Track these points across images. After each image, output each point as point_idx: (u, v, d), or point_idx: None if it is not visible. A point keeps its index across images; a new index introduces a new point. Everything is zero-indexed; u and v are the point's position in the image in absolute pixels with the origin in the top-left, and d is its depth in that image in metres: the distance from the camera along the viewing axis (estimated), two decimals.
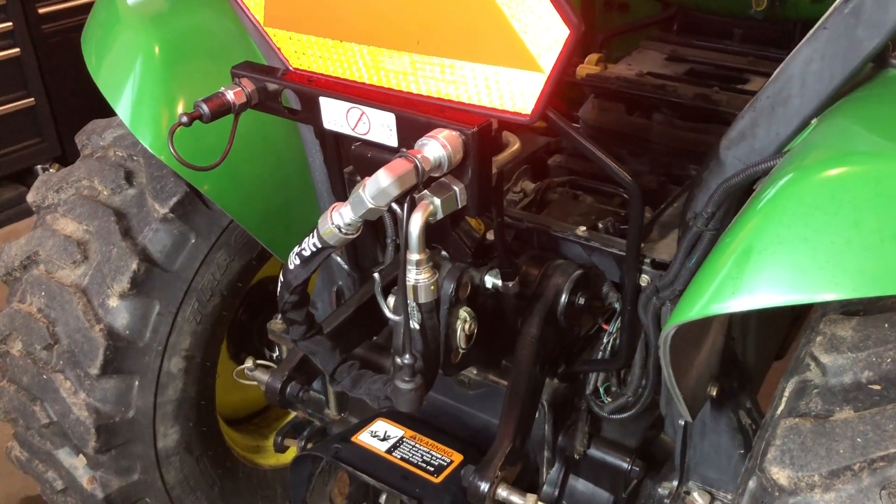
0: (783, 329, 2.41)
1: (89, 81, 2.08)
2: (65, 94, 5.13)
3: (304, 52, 1.63)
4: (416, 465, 1.86)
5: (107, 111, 5.23)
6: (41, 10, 4.93)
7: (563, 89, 2.84)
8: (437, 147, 1.39)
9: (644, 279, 1.78)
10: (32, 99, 4.99)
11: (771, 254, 1.20)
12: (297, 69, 1.66)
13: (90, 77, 2.08)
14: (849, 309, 1.44)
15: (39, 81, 5.00)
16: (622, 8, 3.39)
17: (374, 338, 2.06)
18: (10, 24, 4.77)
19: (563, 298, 1.85)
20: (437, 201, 1.44)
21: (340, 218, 1.41)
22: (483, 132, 1.42)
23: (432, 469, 1.84)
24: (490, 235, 1.77)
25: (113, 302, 2.13)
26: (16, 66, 4.88)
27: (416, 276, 1.44)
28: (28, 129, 5.06)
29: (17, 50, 4.84)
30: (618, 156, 1.62)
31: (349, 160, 2.15)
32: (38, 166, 5.20)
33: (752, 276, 1.20)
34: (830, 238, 1.16)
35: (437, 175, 1.42)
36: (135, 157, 2.25)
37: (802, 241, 1.18)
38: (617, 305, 1.93)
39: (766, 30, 2.95)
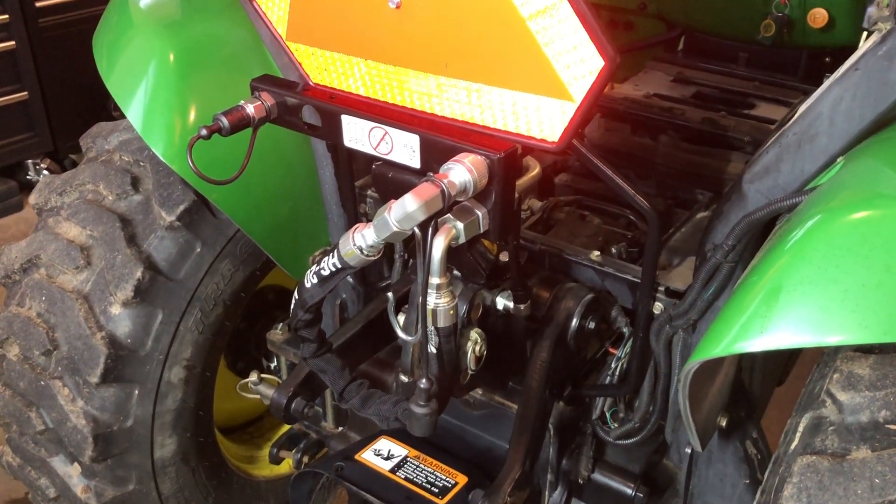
0: (785, 357, 2.42)
1: (84, 77, 2.07)
2: (59, 89, 5.06)
3: (326, 68, 1.62)
4: (421, 486, 1.84)
5: (101, 108, 5.16)
6: (38, 4, 4.86)
7: None
8: (463, 172, 1.38)
9: (657, 307, 1.78)
10: (26, 93, 4.93)
11: (800, 294, 1.19)
12: (318, 85, 1.65)
13: (85, 73, 2.05)
14: (863, 346, 1.44)
15: (34, 75, 4.94)
16: (627, 27, 3.40)
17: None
18: (7, 16, 4.70)
19: (574, 322, 1.85)
20: (461, 226, 1.43)
21: (363, 240, 1.40)
22: (509, 158, 1.41)
23: (437, 490, 1.83)
24: (503, 256, 1.77)
25: (115, 309, 2.10)
26: (10, 59, 4.81)
27: (437, 300, 1.43)
28: (20, 123, 4.99)
29: (13, 43, 4.77)
30: (624, 177, 1.64)
31: (360, 174, 2.16)
32: (30, 161, 5.14)
33: (780, 315, 1.20)
34: (861, 281, 1.16)
35: (460, 199, 1.41)
36: (141, 163, 2.22)
37: (832, 283, 1.17)
38: (625, 330, 1.93)
39: (772, 55, 2.96)
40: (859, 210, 1.22)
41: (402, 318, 1.76)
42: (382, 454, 1.92)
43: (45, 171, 5.11)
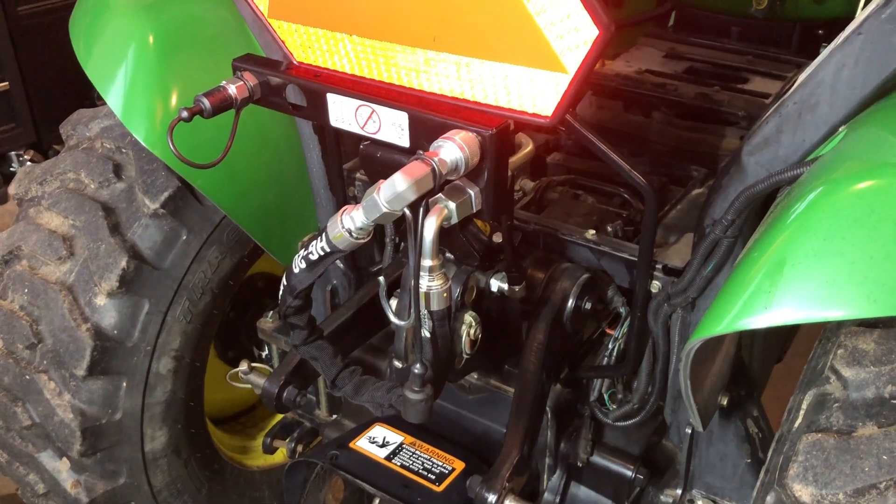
0: (785, 333, 2.40)
1: (66, 66, 2.00)
2: (41, 79, 4.97)
3: (310, 45, 1.57)
4: (417, 473, 1.80)
5: (84, 97, 5.07)
6: None
7: None
8: (454, 149, 1.33)
9: (655, 285, 1.74)
10: (7, 83, 4.84)
11: (805, 268, 1.15)
12: (302, 63, 1.60)
13: (67, 62, 1.99)
14: (867, 320, 1.40)
15: (15, 65, 4.85)
16: (617, 3, 3.35)
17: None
18: None
19: (570, 303, 1.81)
20: (452, 206, 1.39)
21: (352, 222, 1.35)
22: (501, 134, 1.37)
23: (433, 477, 1.79)
24: (496, 237, 1.73)
25: (100, 300, 2.05)
26: None
27: (429, 282, 1.39)
28: (2, 114, 4.90)
29: None
30: (618, 153, 1.60)
31: (348, 156, 2.11)
32: (13, 153, 5.05)
33: (785, 290, 1.16)
34: (868, 253, 1.12)
35: (452, 178, 1.37)
36: (123, 150, 2.16)
37: (838, 256, 1.14)
38: (622, 310, 1.89)
39: (765, 29, 2.93)
40: (864, 180, 1.18)
41: (394, 302, 1.73)
42: (377, 441, 1.88)
43: (29, 163, 5.04)
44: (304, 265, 1.47)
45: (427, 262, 1.38)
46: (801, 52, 2.86)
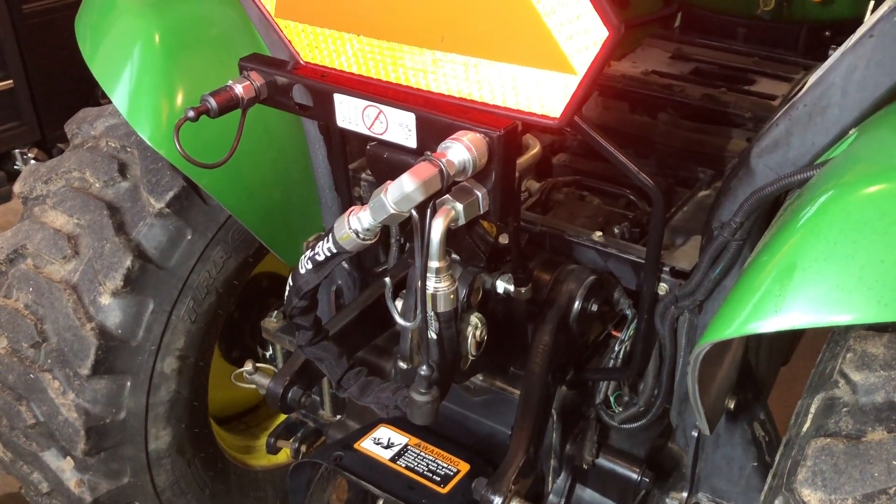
0: (792, 336, 2.39)
1: (71, 64, 2.00)
2: (45, 77, 4.96)
3: (316, 45, 1.56)
4: (422, 475, 1.80)
5: (89, 96, 5.06)
6: None
7: None
8: (462, 150, 1.33)
9: (662, 287, 1.73)
10: (11, 81, 4.83)
11: (815, 272, 1.15)
12: (309, 63, 1.59)
13: (72, 60, 1.98)
14: (877, 324, 1.40)
15: (19, 63, 4.84)
16: (623, 3, 3.34)
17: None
18: None
19: (577, 305, 1.80)
20: (460, 207, 1.38)
21: (359, 223, 1.35)
22: (509, 135, 1.36)
23: (438, 479, 1.79)
24: (502, 239, 1.72)
25: (105, 299, 2.05)
26: None
27: (436, 284, 1.38)
28: (7, 112, 4.89)
29: None
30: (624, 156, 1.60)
31: (354, 157, 2.11)
32: (17, 151, 5.05)
33: (795, 294, 1.15)
34: (879, 257, 1.11)
35: (459, 179, 1.36)
36: (128, 149, 2.16)
37: (848, 260, 1.13)
38: (628, 312, 1.89)
39: (771, 30, 2.92)
40: (875, 183, 1.17)
41: (399, 303, 1.72)
42: (382, 443, 1.87)
43: (34, 162, 5.03)
44: (310, 266, 1.46)
45: (434, 264, 1.37)
46: (807, 54, 2.85)
